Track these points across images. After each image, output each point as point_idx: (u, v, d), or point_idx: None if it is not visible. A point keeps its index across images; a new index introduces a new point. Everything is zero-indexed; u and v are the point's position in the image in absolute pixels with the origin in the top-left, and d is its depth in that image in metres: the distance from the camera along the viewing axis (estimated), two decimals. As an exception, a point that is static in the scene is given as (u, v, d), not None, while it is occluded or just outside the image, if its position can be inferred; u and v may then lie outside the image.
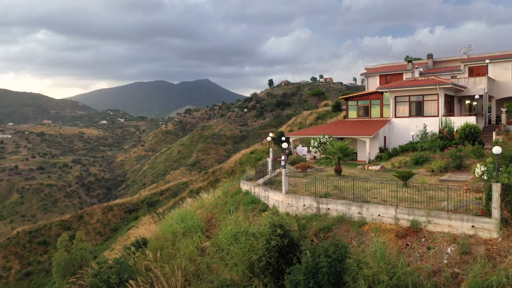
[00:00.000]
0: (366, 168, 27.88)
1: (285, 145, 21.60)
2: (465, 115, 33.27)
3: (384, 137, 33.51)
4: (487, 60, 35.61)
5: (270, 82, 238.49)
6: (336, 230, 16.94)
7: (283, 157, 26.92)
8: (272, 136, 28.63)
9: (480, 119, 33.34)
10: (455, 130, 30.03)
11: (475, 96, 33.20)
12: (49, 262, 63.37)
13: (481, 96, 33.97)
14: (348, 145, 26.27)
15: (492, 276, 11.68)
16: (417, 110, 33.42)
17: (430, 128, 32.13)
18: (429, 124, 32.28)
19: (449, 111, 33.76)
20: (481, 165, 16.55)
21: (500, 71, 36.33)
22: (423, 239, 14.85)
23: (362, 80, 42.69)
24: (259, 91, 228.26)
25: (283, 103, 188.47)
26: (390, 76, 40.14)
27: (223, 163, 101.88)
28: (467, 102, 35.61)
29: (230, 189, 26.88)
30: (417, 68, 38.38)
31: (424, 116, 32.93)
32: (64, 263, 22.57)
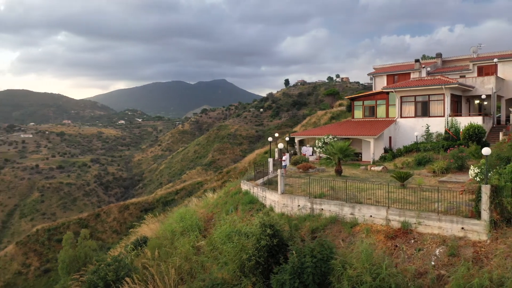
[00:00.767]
0: (369, 169, 27.74)
1: (280, 145, 21.78)
2: (474, 115, 32.59)
3: (389, 138, 33.20)
4: (495, 59, 34.77)
5: (286, 82, 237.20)
6: (328, 230, 17.00)
7: (283, 158, 27.12)
8: (277, 137, 28.79)
9: (488, 119, 32.64)
10: (461, 130, 29.59)
11: (482, 96, 32.48)
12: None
13: (488, 95, 33.27)
14: (350, 146, 26.21)
15: (474, 278, 11.63)
16: (423, 110, 32.94)
17: (436, 129, 31.65)
18: (435, 125, 31.80)
19: (456, 111, 33.12)
20: (474, 167, 16.39)
21: (510, 70, 35.38)
22: (412, 241, 14.81)
23: (371, 78, 42.31)
24: (275, 91, 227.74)
25: (299, 103, 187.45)
26: (397, 76, 39.55)
27: (237, 163, 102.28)
28: (477, 102, 34.89)
29: (231, 189, 27.12)
30: (424, 67, 37.73)
31: (430, 116, 32.46)
32: (69, 260, 23.20)
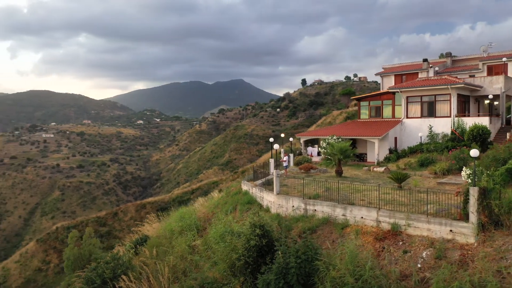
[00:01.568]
0: (371, 170, 27.58)
1: (276, 146, 21.92)
2: (482, 115, 31.95)
3: (395, 138, 32.86)
4: (504, 58, 33.89)
5: (303, 81, 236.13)
6: (320, 231, 17.08)
7: (284, 158, 27.27)
8: (284, 138, 28.89)
9: (496, 120, 31.93)
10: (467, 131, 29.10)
11: (489, 96, 31.79)
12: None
13: (497, 95, 32.48)
14: (355, 146, 26.16)
15: (455, 282, 11.59)
16: (429, 110, 32.48)
17: (442, 129, 31.17)
18: (441, 125, 31.31)
19: (464, 112, 32.49)
20: (467, 168, 16.25)
21: (520, 70, 34.46)
22: (401, 243, 14.78)
23: (380, 78, 41.97)
24: (292, 91, 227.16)
25: (316, 102, 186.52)
26: (405, 76, 39.06)
27: (253, 163, 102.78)
28: (486, 102, 34.16)
29: (232, 189, 27.39)
30: (432, 67, 37.12)
31: (436, 117, 31.99)
32: (74, 257, 23.89)
